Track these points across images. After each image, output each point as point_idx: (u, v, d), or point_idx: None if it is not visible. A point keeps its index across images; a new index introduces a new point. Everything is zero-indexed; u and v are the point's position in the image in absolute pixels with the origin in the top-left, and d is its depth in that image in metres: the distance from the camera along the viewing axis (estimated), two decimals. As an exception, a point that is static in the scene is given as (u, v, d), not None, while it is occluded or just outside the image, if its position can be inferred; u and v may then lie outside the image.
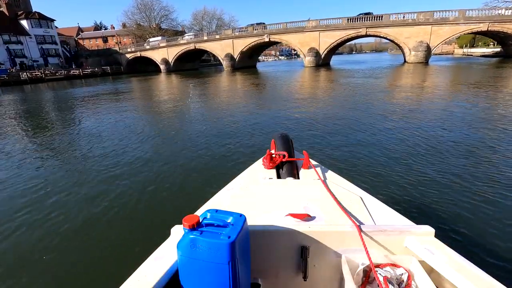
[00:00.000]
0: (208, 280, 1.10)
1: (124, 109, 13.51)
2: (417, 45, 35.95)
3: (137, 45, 58.06)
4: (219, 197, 1.87)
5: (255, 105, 12.71)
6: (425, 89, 14.88)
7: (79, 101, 18.01)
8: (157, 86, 27.07)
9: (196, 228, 1.09)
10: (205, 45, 50.12)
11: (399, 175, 4.48)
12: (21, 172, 5.68)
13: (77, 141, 7.96)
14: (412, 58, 36.60)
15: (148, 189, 4.54)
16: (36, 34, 51.76)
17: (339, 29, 40.11)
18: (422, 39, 35.80)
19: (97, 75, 50.77)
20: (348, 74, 27.71)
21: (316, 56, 41.96)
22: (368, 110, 9.75)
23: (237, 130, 8.05)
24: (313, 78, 25.98)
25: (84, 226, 3.63)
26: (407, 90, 14.45)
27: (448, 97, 12.06)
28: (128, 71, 57.06)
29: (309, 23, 41.63)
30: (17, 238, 3.44)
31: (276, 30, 44.19)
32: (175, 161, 5.80)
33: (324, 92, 15.61)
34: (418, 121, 7.79)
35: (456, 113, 8.62)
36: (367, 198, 1.74)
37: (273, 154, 2.25)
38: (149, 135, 8.09)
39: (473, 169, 4.54)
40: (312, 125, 8.13)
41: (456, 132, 6.63)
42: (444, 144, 5.84)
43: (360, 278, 1.31)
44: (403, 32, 36.63)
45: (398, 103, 11.08)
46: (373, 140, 6.42)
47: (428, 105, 10.43)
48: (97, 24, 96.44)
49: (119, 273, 1.65)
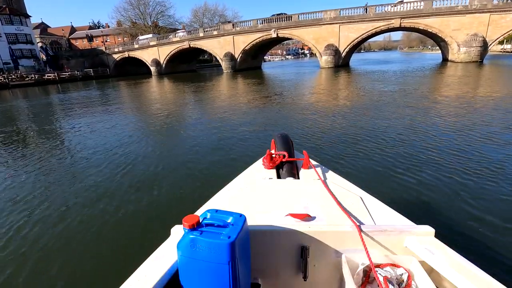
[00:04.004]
0: (208, 280, 1.10)
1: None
2: (470, 39, 27.81)
3: (125, 44, 50.76)
4: (219, 197, 1.85)
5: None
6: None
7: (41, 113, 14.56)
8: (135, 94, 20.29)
9: (196, 228, 1.09)
10: (201, 43, 42.58)
11: (399, 175, 4.44)
12: (24, 176, 5.47)
13: (76, 144, 7.69)
14: (462, 56, 28.46)
15: (148, 189, 4.54)
16: (7, 32, 44.73)
17: (364, 20, 32.09)
18: (476, 31, 27.66)
19: (77, 79, 43.75)
20: (383, 79, 19.85)
21: (335, 55, 34.07)
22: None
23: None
24: (335, 85, 18.21)
25: (84, 226, 3.62)
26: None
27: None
28: (116, 74, 50.03)
29: (326, 13, 33.71)
30: (17, 238, 3.42)
31: (285, 24, 36.37)
32: (175, 161, 5.77)
33: (376, 120, 7.99)
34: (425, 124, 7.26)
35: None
36: (367, 198, 1.72)
37: (273, 154, 2.23)
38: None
39: (473, 169, 4.47)
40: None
41: (456, 133, 6.46)
42: (444, 144, 5.73)
43: (360, 278, 1.30)
44: (450, 23, 28.52)
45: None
46: (374, 140, 6.16)
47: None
48: (94, 23, 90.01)
49: (119, 273, 1.68)
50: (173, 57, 46.10)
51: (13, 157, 7.00)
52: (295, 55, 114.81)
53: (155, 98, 18.54)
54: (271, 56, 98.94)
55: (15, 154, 7.20)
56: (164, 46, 45.42)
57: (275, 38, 38.12)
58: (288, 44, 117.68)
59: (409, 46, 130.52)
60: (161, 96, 19.20)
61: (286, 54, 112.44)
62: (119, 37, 68.56)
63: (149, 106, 14.81)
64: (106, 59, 51.14)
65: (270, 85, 21.23)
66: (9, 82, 36.33)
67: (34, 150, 7.53)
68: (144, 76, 43.74)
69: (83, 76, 45.04)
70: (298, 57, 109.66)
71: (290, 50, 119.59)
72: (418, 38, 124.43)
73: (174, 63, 47.63)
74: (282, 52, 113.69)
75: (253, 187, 1.88)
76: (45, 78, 40.92)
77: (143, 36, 50.31)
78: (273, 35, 37.00)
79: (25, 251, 3.17)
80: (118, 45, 51.81)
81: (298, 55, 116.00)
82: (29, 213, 4.01)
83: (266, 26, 37.38)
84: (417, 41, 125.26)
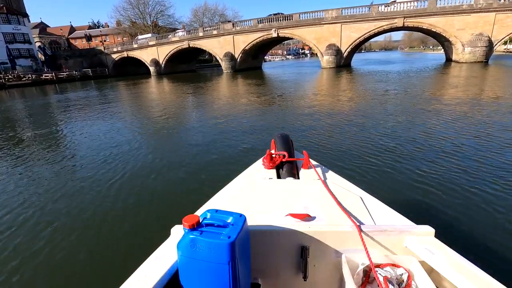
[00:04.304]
0: (208, 280, 1.10)
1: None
2: (475, 39, 27.21)
3: (124, 44, 50.18)
4: (219, 197, 1.85)
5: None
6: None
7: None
8: (133, 94, 19.43)
9: (196, 228, 1.09)
10: (200, 43, 42.01)
11: (399, 175, 4.43)
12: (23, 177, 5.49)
13: (74, 145, 7.69)
14: (467, 56, 27.85)
15: (148, 190, 4.52)
16: (4, 31, 44.14)
17: (367, 20, 31.51)
18: (481, 30, 27.07)
19: (75, 79, 43.22)
20: (387, 80, 19.26)
21: (337, 55, 33.48)
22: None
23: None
24: (338, 86, 17.62)
25: (84, 226, 3.60)
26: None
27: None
28: (116, 74, 49.45)
29: (328, 13, 33.12)
30: (17, 239, 3.40)
31: (286, 24, 35.77)
32: (175, 161, 5.75)
33: (389, 123, 7.43)
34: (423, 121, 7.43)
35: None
36: (367, 198, 1.71)
37: (273, 154, 2.21)
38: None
39: (473, 170, 4.44)
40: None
41: (456, 133, 6.43)
42: (444, 144, 5.70)
43: (360, 278, 1.30)
44: (455, 22, 27.92)
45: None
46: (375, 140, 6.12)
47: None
48: (94, 23, 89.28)
49: (119, 273, 1.64)
50: (172, 57, 45.54)
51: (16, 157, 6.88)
52: (296, 55, 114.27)
53: (152, 99, 18.02)
54: (272, 56, 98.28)
55: (18, 154, 7.06)
56: (163, 46, 44.85)
57: (276, 38, 37.55)
58: (288, 44, 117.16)
59: (410, 46, 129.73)
60: (159, 97, 18.64)
61: (286, 54, 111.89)
62: (118, 37, 67.95)
63: (146, 107, 14.44)
64: (105, 59, 50.54)
65: (271, 86, 20.65)
66: (5, 82, 35.79)
67: (35, 150, 7.47)
68: (143, 76, 43.11)
69: (81, 76, 44.45)
70: (299, 57, 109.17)
71: (291, 50, 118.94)
72: (419, 38, 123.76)
73: (173, 63, 47.06)
74: (283, 52, 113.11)
75: (253, 187, 1.88)
76: (43, 78, 40.38)
77: (142, 36, 49.68)
78: (273, 34, 36.42)
79: (25, 251, 3.18)
80: (117, 45, 51.17)
81: (298, 55, 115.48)
82: (29, 213, 4.01)
83: (266, 25, 36.79)
84: (418, 41, 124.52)
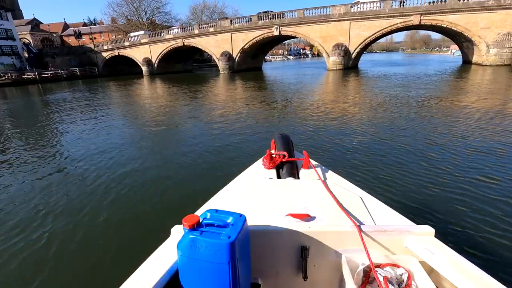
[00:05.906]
0: (208, 280, 1.10)
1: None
2: (502, 39, 24.19)
3: (115, 42, 47.01)
4: (219, 197, 1.84)
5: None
6: None
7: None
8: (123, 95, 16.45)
9: (196, 228, 1.09)
10: (195, 41, 38.89)
11: (400, 175, 4.41)
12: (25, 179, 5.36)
13: (73, 145, 7.55)
14: (492, 59, 24.84)
15: (148, 190, 4.53)
16: (-16, 27, 41.04)
17: (379, 17, 28.44)
18: (509, 30, 24.05)
19: (61, 78, 40.08)
20: (404, 84, 16.22)
21: (345, 56, 30.44)
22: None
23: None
24: (350, 91, 14.57)
25: (85, 226, 3.60)
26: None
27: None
28: (107, 73, 46.24)
29: (335, 9, 30.07)
30: (17, 239, 3.40)
31: (289, 21, 32.69)
32: (175, 162, 5.72)
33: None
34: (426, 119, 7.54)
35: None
36: (367, 198, 1.71)
37: (273, 154, 2.21)
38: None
39: (473, 170, 4.43)
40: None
41: (456, 133, 6.43)
42: (445, 144, 5.72)
43: (360, 278, 1.30)
44: (479, 20, 24.89)
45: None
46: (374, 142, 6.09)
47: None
48: (90, 20, 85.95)
49: (119, 273, 1.68)
50: (166, 56, 42.40)
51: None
52: (297, 55, 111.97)
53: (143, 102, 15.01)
54: (272, 56, 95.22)
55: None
56: (156, 44, 41.72)
57: (278, 36, 34.47)
58: (289, 44, 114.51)
59: (412, 48, 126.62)
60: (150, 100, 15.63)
61: (287, 54, 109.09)
62: (113, 34, 64.75)
63: (142, 109, 11.86)
64: (95, 58, 47.35)
65: (273, 91, 17.59)
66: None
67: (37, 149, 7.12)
68: (135, 77, 40.11)
69: (68, 76, 41.28)
70: (300, 58, 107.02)
71: (292, 50, 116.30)
72: (422, 39, 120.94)
73: (167, 63, 43.92)
74: (284, 52, 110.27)
75: (253, 187, 1.86)
76: (25, 78, 37.27)
77: (135, 33, 46.47)
78: (275, 32, 33.34)
79: (25, 251, 3.18)
80: (107, 43, 48.00)
81: (299, 56, 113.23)
82: (28, 213, 3.99)
83: (267, 22, 33.69)
84: (420, 42, 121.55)
